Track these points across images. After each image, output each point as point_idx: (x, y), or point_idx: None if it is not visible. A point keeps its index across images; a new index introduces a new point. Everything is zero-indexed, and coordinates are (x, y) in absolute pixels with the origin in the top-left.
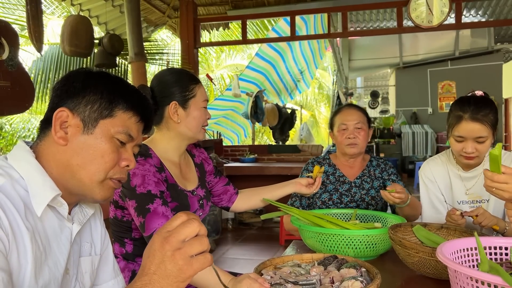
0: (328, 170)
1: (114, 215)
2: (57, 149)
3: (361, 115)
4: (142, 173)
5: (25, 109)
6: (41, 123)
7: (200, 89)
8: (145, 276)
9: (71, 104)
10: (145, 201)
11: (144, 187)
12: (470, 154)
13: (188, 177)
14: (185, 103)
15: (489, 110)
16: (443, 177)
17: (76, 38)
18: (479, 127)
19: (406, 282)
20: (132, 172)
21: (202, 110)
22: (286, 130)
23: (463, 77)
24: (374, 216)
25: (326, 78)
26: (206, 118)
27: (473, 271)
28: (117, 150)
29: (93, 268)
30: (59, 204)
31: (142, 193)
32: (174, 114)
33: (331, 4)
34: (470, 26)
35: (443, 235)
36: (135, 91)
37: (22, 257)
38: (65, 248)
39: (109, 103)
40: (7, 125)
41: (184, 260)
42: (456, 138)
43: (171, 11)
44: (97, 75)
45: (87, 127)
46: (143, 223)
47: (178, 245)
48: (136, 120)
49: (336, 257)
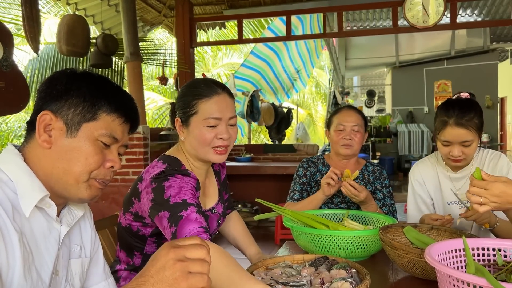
0: (322, 170)
1: (128, 225)
2: (43, 152)
3: (359, 118)
4: (180, 185)
5: (19, 110)
6: (27, 125)
7: (206, 105)
8: (143, 277)
9: (55, 107)
10: (179, 208)
11: (179, 197)
12: (457, 157)
13: (209, 192)
14: (187, 120)
15: (473, 114)
16: (432, 179)
17: (72, 37)
18: (464, 132)
19: (395, 283)
20: (167, 185)
21: (204, 128)
22: (283, 129)
23: (459, 76)
24: (366, 217)
25: (323, 77)
26: (214, 137)
27: (459, 273)
28: (101, 152)
29: (83, 270)
30: (48, 205)
31: (177, 202)
32: (180, 131)
33: (326, 4)
34: (465, 26)
35: (433, 236)
36: (119, 92)
37: (11, 256)
38: (53, 250)
39: (92, 106)
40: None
41: (182, 272)
42: (442, 142)
43: (167, 10)
44: (80, 76)
45: (70, 130)
46: (174, 232)
47: (182, 257)
48: (120, 122)
49: (327, 258)
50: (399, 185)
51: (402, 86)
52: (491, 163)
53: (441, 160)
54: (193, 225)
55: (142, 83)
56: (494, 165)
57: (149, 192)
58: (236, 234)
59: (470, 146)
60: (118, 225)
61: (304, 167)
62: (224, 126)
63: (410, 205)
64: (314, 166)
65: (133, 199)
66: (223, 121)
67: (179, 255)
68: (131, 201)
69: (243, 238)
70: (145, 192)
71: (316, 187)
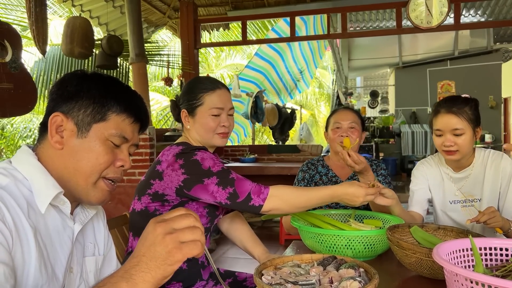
0: (321, 171)
1: (144, 207)
2: (55, 152)
3: (355, 117)
4: (210, 156)
5: (28, 111)
6: (40, 126)
7: (210, 97)
8: (135, 258)
9: (65, 108)
10: (226, 173)
11: (219, 166)
12: (449, 147)
13: None
14: (193, 111)
15: (464, 105)
16: (435, 178)
17: (77, 39)
18: (455, 119)
19: (403, 282)
20: (200, 158)
21: (209, 117)
22: (286, 130)
23: (462, 77)
24: (372, 217)
25: (326, 77)
26: (218, 124)
27: (467, 272)
28: (112, 151)
29: (97, 267)
30: (62, 202)
31: (220, 169)
32: (185, 121)
33: (330, 5)
34: (469, 27)
35: (440, 236)
36: (128, 92)
37: (26, 253)
38: (66, 247)
39: (102, 107)
40: (9, 125)
41: (174, 244)
42: (435, 132)
43: (172, 11)
44: (90, 78)
45: (81, 131)
46: (233, 191)
47: (170, 230)
48: (130, 122)
49: (335, 258)
50: (402, 185)
51: (405, 87)
52: (494, 163)
53: (443, 160)
54: (248, 182)
55: (147, 84)
56: (497, 165)
57: (176, 168)
58: (243, 236)
59: (461, 136)
60: (131, 213)
61: (303, 170)
62: (225, 115)
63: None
64: (313, 168)
65: (151, 181)
66: (224, 111)
67: (167, 228)
68: (149, 183)
69: (249, 240)
70: (169, 169)
71: None
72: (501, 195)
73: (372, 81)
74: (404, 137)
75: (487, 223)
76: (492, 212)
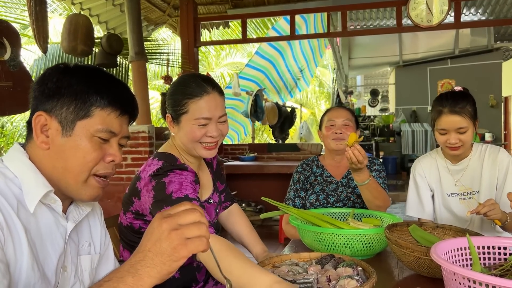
0: (316, 172)
1: (129, 223)
2: (42, 153)
3: (348, 114)
4: (180, 180)
5: (27, 109)
6: (27, 125)
7: (196, 105)
8: (141, 253)
9: (48, 106)
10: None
11: (181, 193)
12: (454, 144)
13: (204, 183)
14: (177, 118)
15: (466, 103)
16: (432, 171)
17: (80, 37)
18: (459, 119)
19: (401, 280)
20: (168, 181)
21: (194, 127)
22: (286, 128)
23: (462, 76)
24: (371, 216)
25: (326, 76)
26: (204, 134)
27: (465, 271)
28: (100, 147)
29: (92, 266)
30: (53, 200)
31: (179, 197)
32: (170, 127)
33: (330, 3)
34: (470, 25)
35: (439, 234)
36: (112, 84)
37: (18, 250)
38: (58, 246)
39: (84, 103)
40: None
41: (179, 240)
42: (439, 131)
43: (171, 10)
44: (71, 72)
45: (65, 130)
46: None
47: (176, 226)
48: (116, 115)
49: (333, 256)
50: (402, 184)
51: (405, 85)
52: (491, 156)
53: (441, 154)
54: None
55: (147, 83)
56: (494, 158)
57: (149, 190)
58: (241, 230)
59: (465, 133)
60: (120, 225)
61: (298, 171)
62: (214, 125)
63: (411, 195)
64: (308, 169)
65: (132, 198)
66: (213, 120)
67: (173, 224)
68: (131, 200)
69: (248, 236)
70: (145, 190)
71: (311, 189)
72: (498, 187)
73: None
74: (404, 136)
75: (487, 215)
76: (492, 204)
